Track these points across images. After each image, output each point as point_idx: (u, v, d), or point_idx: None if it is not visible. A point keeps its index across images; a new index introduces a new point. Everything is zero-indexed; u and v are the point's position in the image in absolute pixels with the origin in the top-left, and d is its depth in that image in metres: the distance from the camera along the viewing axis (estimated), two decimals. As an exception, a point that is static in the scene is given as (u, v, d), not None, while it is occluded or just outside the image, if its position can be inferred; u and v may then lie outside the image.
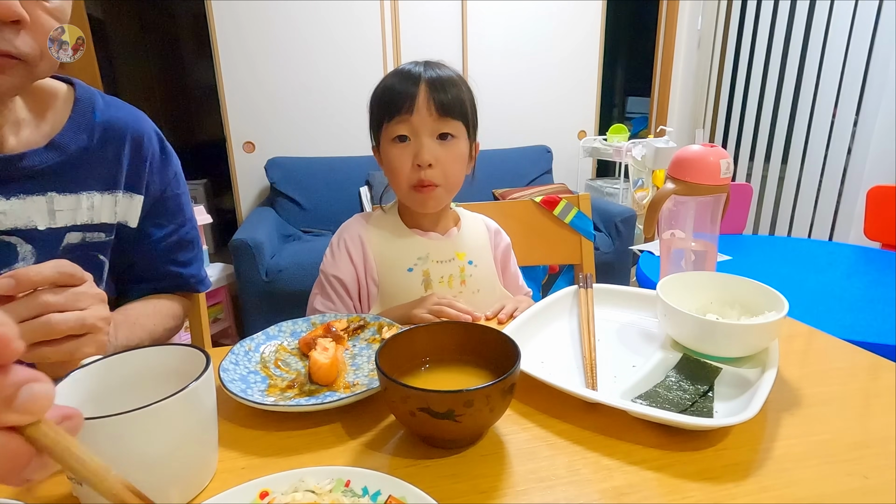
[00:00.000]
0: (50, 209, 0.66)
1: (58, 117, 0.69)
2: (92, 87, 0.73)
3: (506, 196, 2.74)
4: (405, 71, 0.83)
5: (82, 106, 0.70)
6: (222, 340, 2.49)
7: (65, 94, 0.71)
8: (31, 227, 0.65)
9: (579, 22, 3.03)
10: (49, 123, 0.68)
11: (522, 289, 1.01)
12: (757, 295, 0.65)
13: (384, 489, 0.40)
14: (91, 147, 0.69)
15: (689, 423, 0.48)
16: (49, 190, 0.66)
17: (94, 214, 0.70)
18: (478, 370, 0.54)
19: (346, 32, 2.77)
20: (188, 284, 0.82)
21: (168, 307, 0.79)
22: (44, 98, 0.69)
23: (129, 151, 0.73)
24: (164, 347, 0.49)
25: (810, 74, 2.56)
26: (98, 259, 0.72)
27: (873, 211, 1.94)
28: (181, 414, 0.41)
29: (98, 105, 0.71)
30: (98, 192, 0.70)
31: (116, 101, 0.75)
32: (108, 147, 0.71)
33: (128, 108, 0.76)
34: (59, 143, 0.67)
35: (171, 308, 0.80)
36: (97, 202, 0.70)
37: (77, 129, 0.69)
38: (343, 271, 0.89)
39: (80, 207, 0.69)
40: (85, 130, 0.69)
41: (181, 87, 4.13)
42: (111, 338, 0.63)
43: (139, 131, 0.75)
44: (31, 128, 0.67)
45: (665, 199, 0.80)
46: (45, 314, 0.48)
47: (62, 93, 0.71)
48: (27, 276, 0.47)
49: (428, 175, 0.82)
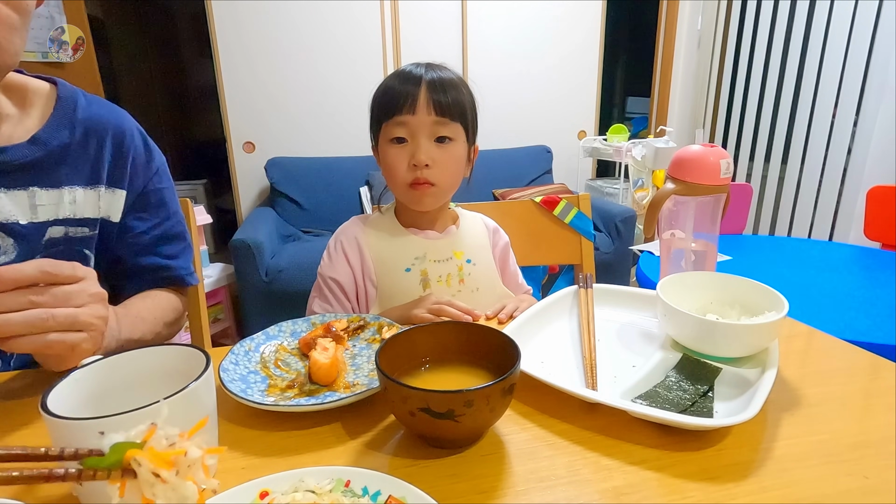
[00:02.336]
0: (31, 203, 0.67)
1: (40, 114, 0.70)
2: (74, 86, 0.75)
3: (506, 196, 2.75)
4: (406, 72, 0.83)
5: (64, 103, 0.72)
6: (222, 340, 2.49)
7: (47, 92, 0.73)
8: (13, 222, 0.66)
9: (579, 22, 3.03)
10: (32, 120, 0.70)
11: (522, 287, 1.01)
12: (757, 295, 0.65)
13: (384, 489, 0.40)
14: (73, 143, 0.71)
15: (689, 423, 0.48)
16: (31, 185, 0.67)
17: (77, 209, 0.71)
18: (478, 370, 0.54)
19: (346, 33, 2.77)
20: (177, 276, 0.82)
21: (167, 299, 0.80)
22: (26, 96, 0.70)
23: (110, 147, 0.74)
24: (164, 347, 0.49)
25: (810, 74, 2.56)
26: (83, 254, 0.73)
27: (873, 211, 1.94)
28: (181, 414, 0.41)
29: (80, 103, 0.73)
30: (80, 186, 0.71)
31: (99, 99, 0.77)
32: (89, 143, 0.72)
33: (110, 106, 0.78)
34: (41, 139, 0.68)
35: (170, 300, 0.81)
36: (80, 197, 0.71)
37: (59, 126, 0.70)
38: (340, 274, 0.89)
39: (63, 202, 0.69)
40: (67, 127, 0.71)
41: (181, 87, 4.13)
42: (114, 332, 0.63)
43: (120, 128, 0.76)
44: (12, 123, 0.68)
45: (665, 199, 0.80)
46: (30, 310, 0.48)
47: (45, 91, 0.72)
48: (6, 274, 0.47)
49: (424, 174, 0.82)
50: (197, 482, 0.32)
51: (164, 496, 0.31)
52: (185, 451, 0.31)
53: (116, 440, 0.31)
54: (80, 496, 0.41)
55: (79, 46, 2.41)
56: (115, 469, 0.31)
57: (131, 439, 0.31)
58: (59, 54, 2.33)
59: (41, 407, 0.39)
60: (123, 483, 0.31)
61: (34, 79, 0.72)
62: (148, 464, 0.30)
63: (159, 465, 0.30)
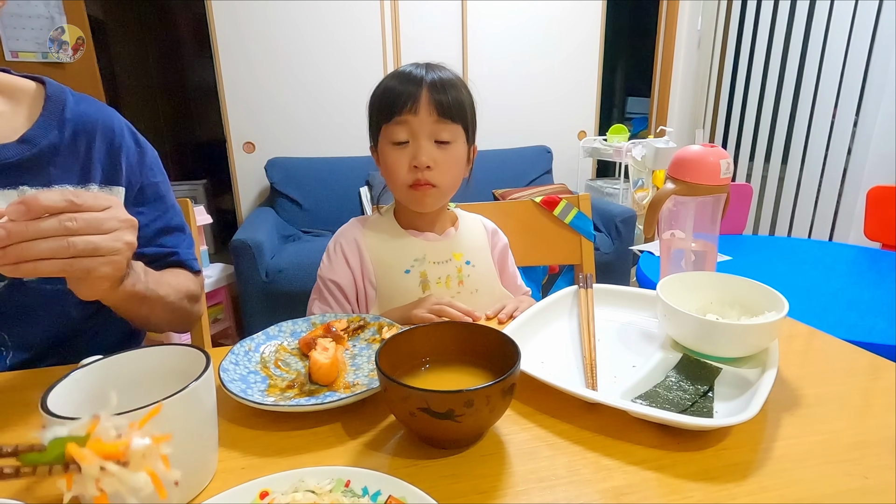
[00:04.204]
0: None
1: (29, 114, 0.71)
2: (63, 85, 0.75)
3: (506, 196, 2.75)
4: (406, 73, 0.83)
5: (53, 102, 0.72)
6: (222, 340, 2.49)
7: (35, 91, 0.73)
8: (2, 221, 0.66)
9: (579, 22, 3.03)
10: (20, 119, 0.70)
11: (521, 288, 1.01)
12: (757, 295, 0.65)
13: (384, 489, 0.40)
14: (62, 142, 0.71)
15: (689, 423, 0.48)
16: (21, 183, 0.68)
17: None
18: (478, 370, 0.54)
19: (346, 33, 2.77)
20: (181, 261, 0.82)
21: (183, 275, 0.81)
22: (15, 95, 0.71)
23: (100, 145, 0.74)
24: (164, 347, 0.49)
25: (810, 74, 2.56)
26: None
27: (873, 211, 1.94)
28: (181, 414, 0.41)
29: (68, 101, 0.73)
30: (71, 185, 0.71)
31: (87, 97, 0.77)
32: (79, 142, 0.73)
33: (98, 105, 0.78)
34: (30, 138, 0.69)
35: (187, 276, 0.82)
36: None
37: (48, 125, 0.70)
38: (340, 275, 0.89)
39: None
40: (56, 126, 0.71)
41: (181, 87, 4.13)
42: (141, 277, 0.65)
43: (110, 126, 0.76)
44: (1, 123, 0.68)
45: (665, 199, 0.80)
46: (62, 236, 0.49)
47: (33, 91, 0.73)
48: (37, 202, 0.48)
49: (425, 176, 0.82)
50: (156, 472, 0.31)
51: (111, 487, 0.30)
52: (127, 443, 0.31)
53: (59, 434, 0.31)
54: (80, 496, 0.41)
55: (79, 46, 2.41)
56: (58, 464, 0.30)
57: (75, 433, 0.31)
58: (59, 54, 2.33)
59: (41, 407, 0.39)
60: (69, 477, 0.30)
61: (21, 78, 0.73)
62: (92, 456, 0.30)
63: (106, 457, 0.30)
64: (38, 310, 0.71)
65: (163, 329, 0.79)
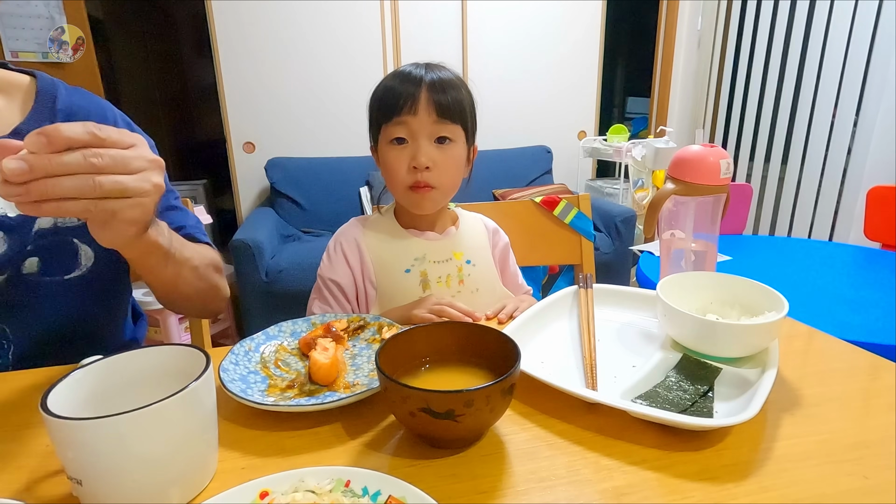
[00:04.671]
0: None
1: (21, 108, 0.71)
2: (55, 78, 0.75)
3: (506, 196, 2.75)
4: (406, 72, 0.83)
5: (44, 96, 0.72)
6: (222, 340, 2.49)
7: (27, 85, 0.73)
8: (1, 215, 0.67)
9: (579, 22, 3.04)
10: (13, 113, 0.70)
11: (522, 287, 1.01)
12: (757, 295, 0.65)
13: (384, 489, 0.40)
14: None
15: (689, 423, 0.48)
16: None
17: None
18: (478, 370, 0.54)
19: (346, 32, 2.77)
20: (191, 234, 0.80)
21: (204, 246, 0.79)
22: (6, 90, 0.71)
23: None
24: (164, 347, 0.49)
25: (810, 74, 2.56)
26: (73, 243, 0.73)
27: (873, 211, 1.94)
28: (181, 414, 0.41)
29: (60, 93, 0.73)
30: None
31: (80, 90, 0.77)
32: None
33: (92, 97, 0.78)
34: (23, 132, 0.68)
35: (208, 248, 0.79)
36: None
37: (40, 118, 0.70)
38: (340, 275, 0.89)
39: None
40: (47, 117, 0.71)
41: (181, 87, 4.12)
42: (166, 236, 0.62)
43: (102, 115, 0.76)
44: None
45: (665, 199, 0.80)
46: (89, 173, 0.45)
47: (25, 84, 0.73)
48: (59, 133, 0.44)
49: (424, 177, 0.82)
50: None
51: None
52: None
53: None
54: (80, 496, 0.41)
55: (79, 46, 2.41)
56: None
57: None
58: (59, 54, 2.33)
59: (41, 407, 0.39)
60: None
61: (13, 72, 0.73)
62: None
63: None
64: (38, 303, 0.71)
65: (193, 302, 0.76)
